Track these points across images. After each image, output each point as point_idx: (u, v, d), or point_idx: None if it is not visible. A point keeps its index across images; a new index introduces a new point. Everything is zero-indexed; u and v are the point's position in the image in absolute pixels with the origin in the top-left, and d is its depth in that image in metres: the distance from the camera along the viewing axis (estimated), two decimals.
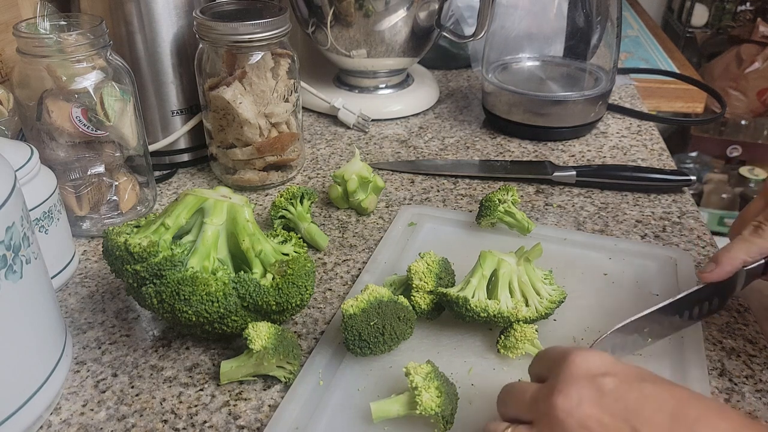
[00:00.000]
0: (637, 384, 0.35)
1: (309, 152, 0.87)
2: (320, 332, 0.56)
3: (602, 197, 0.75)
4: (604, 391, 0.35)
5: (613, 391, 0.34)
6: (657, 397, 0.34)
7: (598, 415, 0.34)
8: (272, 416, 0.47)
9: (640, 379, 0.35)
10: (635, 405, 0.34)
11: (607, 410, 0.34)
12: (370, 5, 0.84)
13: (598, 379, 0.35)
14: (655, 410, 0.33)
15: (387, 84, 0.97)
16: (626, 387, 0.35)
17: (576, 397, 0.35)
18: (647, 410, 0.33)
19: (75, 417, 0.48)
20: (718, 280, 0.50)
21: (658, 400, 0.34)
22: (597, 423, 0.34)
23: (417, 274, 0.54)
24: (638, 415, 0.33)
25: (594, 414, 0.34)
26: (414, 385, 0.44)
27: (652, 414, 0.33)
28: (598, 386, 0.35)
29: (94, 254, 0.66)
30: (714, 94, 1.06)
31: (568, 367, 0.37)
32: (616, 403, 0.34)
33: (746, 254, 0.49)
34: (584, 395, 0.35)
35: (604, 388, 0.35)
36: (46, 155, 0.64)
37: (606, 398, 0.34)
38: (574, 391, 0.35)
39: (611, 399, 0.34)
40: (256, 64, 0.71)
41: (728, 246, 0.50)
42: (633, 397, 0.34)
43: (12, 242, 0.41)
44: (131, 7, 0.72)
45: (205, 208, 0.52)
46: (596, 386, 0.35)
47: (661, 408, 0.33)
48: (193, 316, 0.48)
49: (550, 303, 0.53)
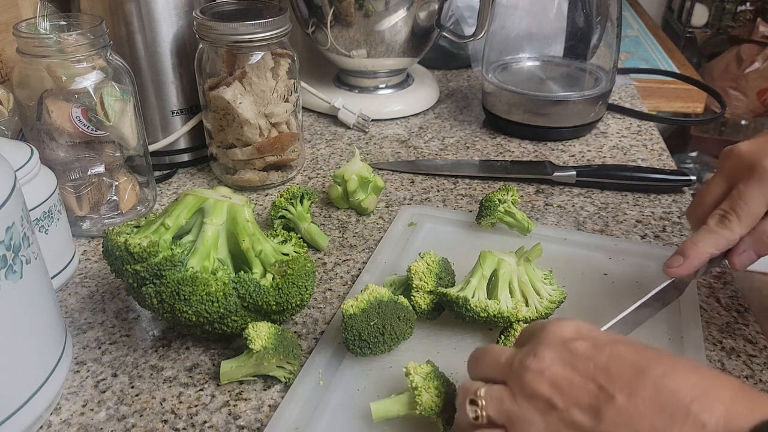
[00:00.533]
0: (608, 346, 0.36)
1: (309, 152, 0.87)
2: (320, 332, 0.56)
3: (602, 197, 0.75)
4: (575, 353, 0.36)
5: (583, 353, 0.36)
6: (625, 355, 0.34)
7: (568, 375, 0.35)
8: (272, 416, 0.47)
9: (612, 342, 0.36)
10: (603, 364, 0.34)
11: (577, 370, 0.35)
12: (370, 5, 0.84)
13: (570, 343, 0.36)
14: (622, 367, 0.34)
15: (387, 84, 0.97)
16: (597, 349, 0.35)
17: (548, 358, 0.36)
18: (614, 367, 0.34)
19: (75, 417, 0.48)
20: (686, 273, 0.49)
21: (626, 358, 0.34)
22: (566, 382, 0.35)
23: (417, 274, 0.54)
24: (605, 373, 0.34)
25: (564, 374, 0.35)
26: (414, 385, 0.44)
27: (618, 370, 0.34)
28: (570, 349, 0.36)
29: (94, 254, 0.66)
30: (714, 94, 1.06)
31: (544, 334, 0.38)
32: (585, 363, 0.35)
33: (714, 247, 0.48)
34: (556, 357, 0.36)
35: (575, 350, 0.36)
36: (46, 155, 0.64)
37: (576, 359, 0.35)
38: (546, 354, 0.36)
39: (581, 360, 0.35)
40: (256, 64, 0.71)
41: (695, 238, 0.49)
42: (602, 358, 0.35)
43: (12, 242, 0.41)
44: (131, 7, 0.72)
45: (205, 208, 0.52)
46: (568, 349, 0.36)
47: (628, 365, 0.34)
48: (193, 316, 0.48)
49: (550, 303, 0.53)
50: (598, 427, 0.33)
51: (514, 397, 0.36)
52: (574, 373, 0.35)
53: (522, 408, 0.35)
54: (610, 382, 0.33)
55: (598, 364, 0.35)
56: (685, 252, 0.49)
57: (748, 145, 0.48)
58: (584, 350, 0.36)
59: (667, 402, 0.31)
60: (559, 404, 0.34)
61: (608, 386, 0.33)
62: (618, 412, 0.32)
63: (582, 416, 0.33)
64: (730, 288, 0.60)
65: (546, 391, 0.35)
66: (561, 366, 0.35)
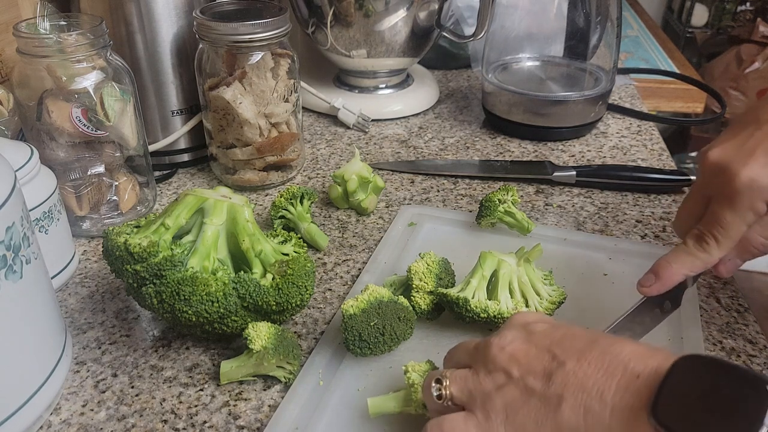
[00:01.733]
0: (564, 327, 0.39)
1: (309, 152, 0.87)
2: (320, 332, 0.56)
3: (602, 197, 0.75)
4: (534, 332, 0.39)
5: (542, 331, 0.39)
6: (580, 333, 0.38)
7: (525, 348, 0.38)
8: (272, 416, 0.47)
9: (568, 326, 0.40)
10: (559, 339, 0.38)
11: (534, 345, 0.38)
12: (370, 5, 0.84)
13: (531, 324, 0.40)
14: (575, 340, 0.37)
15: (387, 84, 0.97)
16: (554, 328, 0.39)
17: (509, 337, 0.40)
18: (568, 341, 0.37)
19: (75, 417, 0.48)
20: (656, 294, 0.48)
21: (580, 335, 0.38)
22: (523, 354, 0.38)
23: (417, 274, 0.54)
24: (559, 345, 0.37)
25: (522, 348, 0.39)
26: (411, 382, 0.44)
27: (572, 343, 0.37)
28: (530, 329, 0.40)
29: (94, 254, 0.66)
30: (714, 94, 1.06)
31: (509, 321, 0.42)
32: (542, 339, 0.39)
33: (689, 270, 0.47)
34: (516, 335, 0.40)
35: (534, 329, 0.40)
36: (46, 155, 0.64)
37: (535, 336, 0.39)
38: (508, 333, 0.40)
39: (539, 336, 0.39)
40: (256, 64, 0.71)
41: (669, 258, 0.48)
42: (558, 334, 0.38)
43: (12, 242, 0.41)
44: (131, 7, 0.72)
45: (205, 208, 0.52)
46: (528, 329, 0.40)
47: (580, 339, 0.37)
48: (193, 316, 0.48)
49: (550, 303, 0.53)
50: (548, 390, 0.36)
51: (477, 374, 0.39)
52: (531, 346, 0.38)
53: (482, 383, 0.38)
54: (563, 351, 0.37)
55: (554, 338, 0.38)
56: (659, 272, 0.48)
57: (720, 150, 0.45)
58: (543, 329, 0.40)
59: (609, 362, 0.35)
60: (515, 374, 0.37)
61: (561, 355, 0.37)
62: (567, 375, 0.35)
63: (535, 381, 0.36)
64: (730, 288, 0.60)
65: (505, 364, 0.38)
66: (520, 342, 0.39)
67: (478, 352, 0.41)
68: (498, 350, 0.39)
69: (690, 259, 0.47)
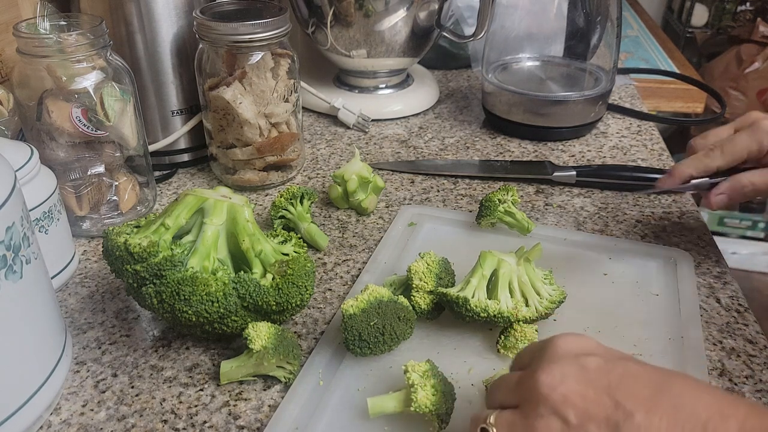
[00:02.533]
0: (621, 362, 0.35)
1: (309, 152, 0.87)
2: (320, 332, 0.56)
3: (602, 197, 0.75)
4: (587, 368, 0.35)
5: (596, 369, 0.35)
6: (640, 373, 0.34)
7: (582, 390, 0.34)
8: (272, 416, 0.47)
9: (623, 358, 0.36)
10: (618, 380, 0.34)
11: (590, 385, 0.34)
12: (370, 5, 0.84)
13: (582, 358, 0.36)
14: (638, 384, 0.34)
15: (387, 84, 0.97)
16: (610, 365, 0.35)
17: (559, 374, 0.35)
18: (630, 384, 0.34)
19: (75, 417, 0.48)
20: (670, 187, 0.60)
21: (642, 376, 0.34)
22: (580, 397, 0.34)
23: (417, 274, 0.54)
24: (621, 389, 0.33)
25: (577, 389, 0.34)
26: (411, 382, 0.44)
27: (635, 387, 0.33)
28: (582, 364, 0.35)
29: (94, 254, 0.66)
30: (714, 94, 1.06)
31: (551, 349, 0.37)
32: (599, 378, 0.34)
33: (694, 170, 0.58)
34: (567, 372, 0.35)
35: (587, 365, 0.35)
36: (46, 155, 0.64)
37: (589, 374, 0.35)
38: (557, 369, 0.35)
39: (594, 375, 0.35)
40: (256, 64, 0.71)
41: (682, 162, 0.59)
42: (616, 373, 0.34)
43: (12, 242, 0.41)
44: (131, 7, 0.72)
45: (205, 208, 0.52)
46: (579, 364, 0.35)
47: (645, 382, 0.34)
48: (193, 316, 0.48)
49: (550, 303, 0.53)
50: None
51: (526, 418, 0.35)
52: (587, 387, 0.34)
53: (535, 429, 0.34)
54: (627, 398, 0.33)
55: (612, 380, 0.34)
56: (672, 171, 0.59)
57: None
58: (596, 365, 0.35)
59: (685, 420, 0.31)
60: (573, 420, 0.34)
61: (625, 403, 0.33)
62: (638, 429, 0.32)
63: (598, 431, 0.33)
64: (730, 288, 0.60)
65: (559, 407, 0.34)
66: (573, 381, 0.35)
67: (524, 389, 0.37)
68: (549, 390, 0.35)
69: (695, 162, 0.58)
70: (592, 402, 0.33)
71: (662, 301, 0.58)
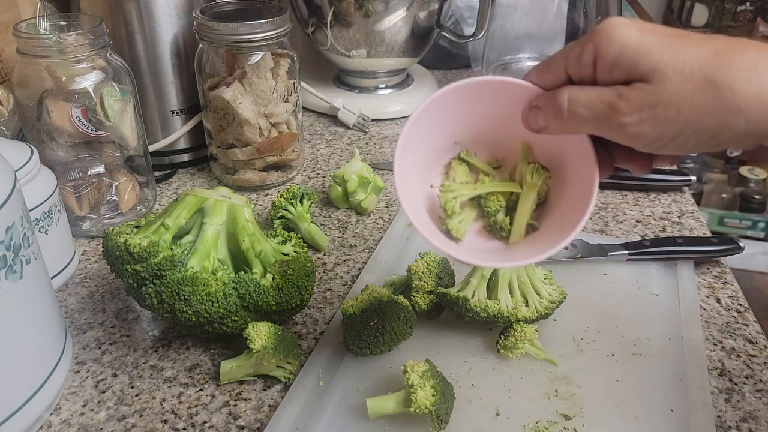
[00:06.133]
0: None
1: (309, 152, 0.87)
2: (320, 332, 0.56)
3: (602, 197, 0.75)
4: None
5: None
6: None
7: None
8: (272, 416, 0.47)
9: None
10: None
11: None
12: (370, 5, 0.84)
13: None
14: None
15: (387, 84, 0.97)
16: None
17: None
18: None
19: (75, 417, 0.48)
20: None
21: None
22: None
23: (417, 274, 0.54)
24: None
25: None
26: (410, 382, 0.44)
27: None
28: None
29: (94, 254, 0.66)
30: None
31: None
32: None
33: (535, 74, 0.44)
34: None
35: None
36: (46, 155, 0.64)
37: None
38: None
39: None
40: (256, 64, 0.71)
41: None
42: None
43: (12, 242, 0.41)
44: (131, 7, 0.72)
45: (205, 208, 0.52)
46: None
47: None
48: (193, 317, 0.48)
49: (550, 303, 0.53)
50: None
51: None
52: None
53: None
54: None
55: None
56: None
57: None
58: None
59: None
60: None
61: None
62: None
63: None
64: (730, 288, 0.60)
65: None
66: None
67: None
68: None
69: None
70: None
71: (662, 301, 0.58)
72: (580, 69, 0.38)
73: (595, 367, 0.51)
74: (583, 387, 0.49)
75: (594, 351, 0.52)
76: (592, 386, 0.49)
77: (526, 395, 0.48)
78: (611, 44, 0.35)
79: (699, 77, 0.33)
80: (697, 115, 0.34)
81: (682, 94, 0.34)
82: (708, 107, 0.33)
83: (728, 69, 0.33)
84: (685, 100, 0.34)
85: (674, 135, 0.35)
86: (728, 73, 0.33)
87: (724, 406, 0.48)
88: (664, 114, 0.34)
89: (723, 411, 0.47)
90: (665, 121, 0.34)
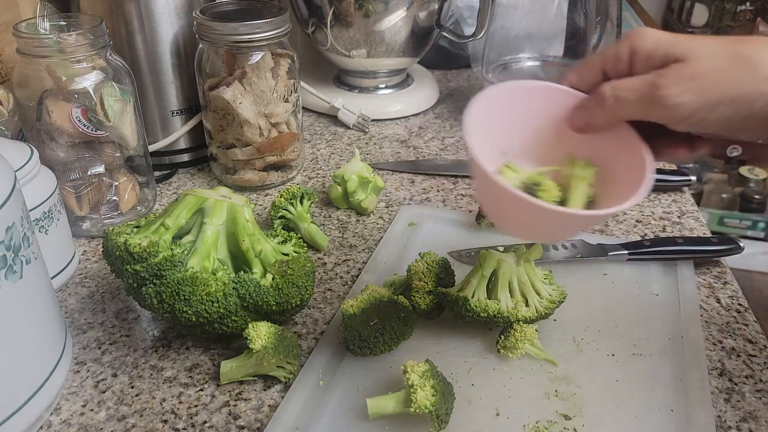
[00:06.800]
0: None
1: (309, 152, 0.87)
2: (320, 332, 0.56)
3: None
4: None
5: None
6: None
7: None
8: (272, 416, 0.47)
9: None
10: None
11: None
12: (370, 5, 0.84)
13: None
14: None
15: (387, 84, 0.97)
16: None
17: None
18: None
19: (75, 417, 0.48)
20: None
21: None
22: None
23: (417, 274, 0.54)
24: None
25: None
26: (410, 382, 0.44)
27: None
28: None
29: (94, 254, 0.66)
30: None
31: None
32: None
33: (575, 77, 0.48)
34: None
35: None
36: (46, 155, 0.64)
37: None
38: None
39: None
40: (256, 64, 0.71)
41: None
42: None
43: (12, 242, 0.41)
44: (131, 7, 0.72)
45: (205, 208, 0.52)
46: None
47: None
48: (193, 317, 0.48)
49: (550, 303, 0.53)
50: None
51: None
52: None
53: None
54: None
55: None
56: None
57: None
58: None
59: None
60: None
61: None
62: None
63: None
64: (730, 288, 0.60)
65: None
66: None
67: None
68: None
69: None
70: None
71: (662, 301, 0.58)
72: (616, 65, 0.41)
73: (595, 367, 0.51)
74: (583, 387, 0.49)
75: (594, 351, 0.52)
76: (592, 386, 0.49)
77: (526, 395, 0.48)
78: (645, 39, 0.40)
79: (728, 56, 0.38)
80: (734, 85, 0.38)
81: (717, 67, 0.38)
82: (741, 77, 0.38)
83: (752, 47, 0.38)
84: (719, 72, 0.38)
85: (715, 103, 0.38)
86: (753, 50, 0.38)
87: (724, 406, 0.48)
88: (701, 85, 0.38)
89: (723, 411, 0.48)
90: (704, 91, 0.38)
